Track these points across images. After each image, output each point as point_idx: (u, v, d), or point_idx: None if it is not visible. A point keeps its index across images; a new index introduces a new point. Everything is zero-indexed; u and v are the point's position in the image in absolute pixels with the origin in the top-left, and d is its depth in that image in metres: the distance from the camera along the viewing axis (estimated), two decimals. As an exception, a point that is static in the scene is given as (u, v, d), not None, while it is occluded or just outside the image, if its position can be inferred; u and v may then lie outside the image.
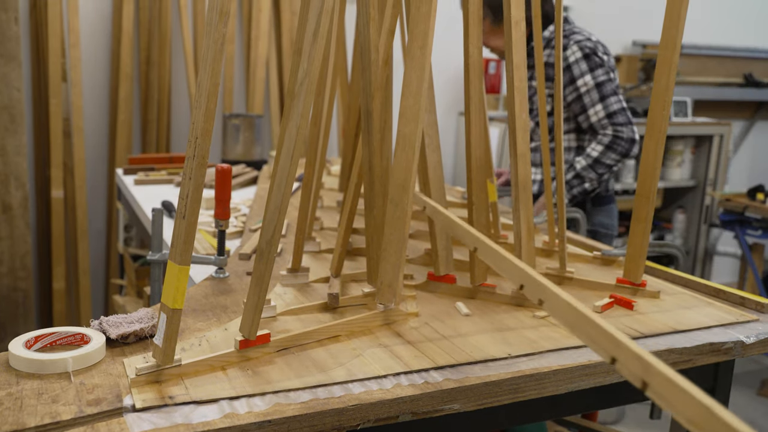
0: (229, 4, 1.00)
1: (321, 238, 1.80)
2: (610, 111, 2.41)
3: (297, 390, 1.03)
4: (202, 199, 1.06)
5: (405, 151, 1.26)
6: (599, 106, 2.41)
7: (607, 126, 2.42)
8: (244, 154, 3.05)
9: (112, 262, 3.57)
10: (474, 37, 1.46)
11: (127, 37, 3.39)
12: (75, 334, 1.14)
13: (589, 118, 2.44)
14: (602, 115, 2.42)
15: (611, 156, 2.41)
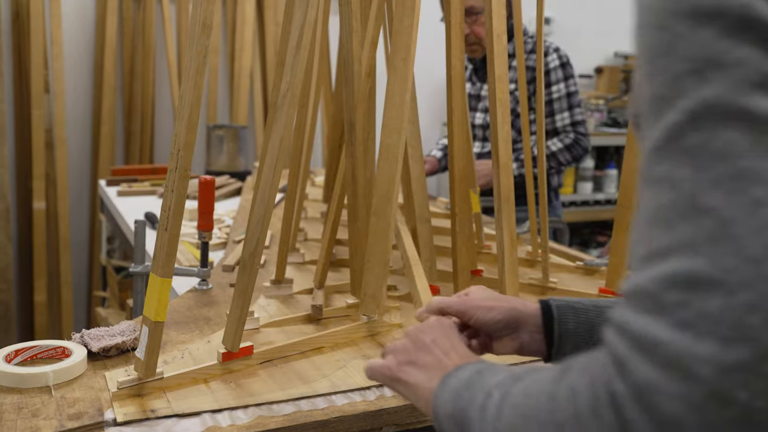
0: (212, 16, 1.01)
1: (305, 250, 1.80)
2: (574, 120, 2.61)
3: (280, 402, 1.03)
4: (185, 210, 1.05)
5: (388, 163, 1.26)
6: (566, 114, 2.59)
7: (570, 132, 2.61)
8: (228, 165, 3.05)
9: (95, 274, 3.54)
10: (456, 48, 1.47)
11: (111, 49, 3.38)
12: (56, 348, 1.13)
13: (555, 122, 2.61)
14: (567, 122, 2.61)
15: (566, 156, 2.60)
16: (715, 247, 0.40)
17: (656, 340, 0.41)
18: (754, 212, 0.40)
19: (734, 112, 0.42)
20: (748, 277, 0.39)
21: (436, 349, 0.71)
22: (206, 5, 1.00)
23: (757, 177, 0.41)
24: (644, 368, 0.41)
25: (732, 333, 0.39)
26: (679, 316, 0.40)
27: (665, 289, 0.41)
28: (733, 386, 0.38)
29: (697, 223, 0.41)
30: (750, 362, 0.38)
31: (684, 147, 0.43)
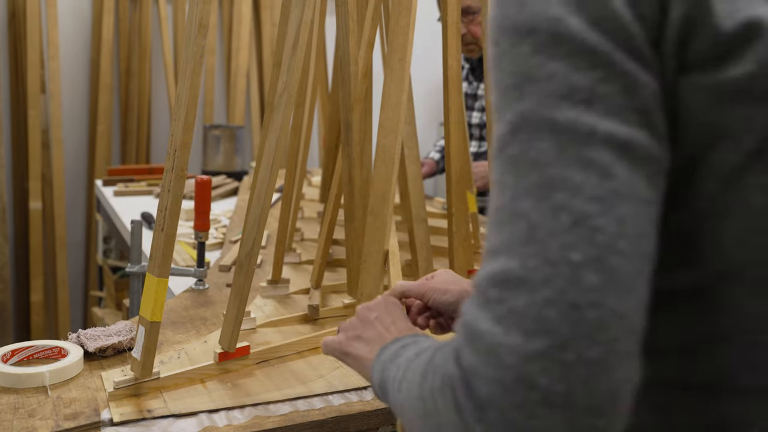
0: (208, 16, 1.01)
1: (301, 250, 1.80)
2: None
3: (277, 402, 1.03)
4: (181, 210, 1.05)
5: (385, 163, 1.27)
6: None
7: None
8: (224, 165, 3.04)
9: (91, 274, 3.54)
10: (453, 49, 1.47)
11: (107, 48, 3.37)
12: (52, 348, 1.13)
13: None
14: None
15: None
16: (525, 249, 0.45)
17: (479, 332, 0.45)
18: (554, 217, 0.44)
19: (544, 123, 0.45)
20: (547, 275, 0.44)
21: (378, 324, 0.77)
22: (203, 5, 1.00)
23: (559, 185, 0.44)
24: (470, 355, 0.46)
25: (533, 326, 0.43)
26: (496, 311, 0.45)
27: (489, 287, 0.46)
28: (535, 373, 0.43)
29: (514, 226, 0.46)
30: (548, 352, 0.43)
31: (508, 156, 0.47)
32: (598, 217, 0.44)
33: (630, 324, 0.44)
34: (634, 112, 0.46)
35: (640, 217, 0.45)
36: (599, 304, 0.43)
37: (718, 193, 0.49)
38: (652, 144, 0.46)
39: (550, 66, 0.46)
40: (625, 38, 0.46)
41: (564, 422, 0.43)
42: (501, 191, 0.48)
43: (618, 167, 0.45)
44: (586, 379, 0.43)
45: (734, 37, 0.47)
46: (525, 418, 0.43)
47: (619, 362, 0.44)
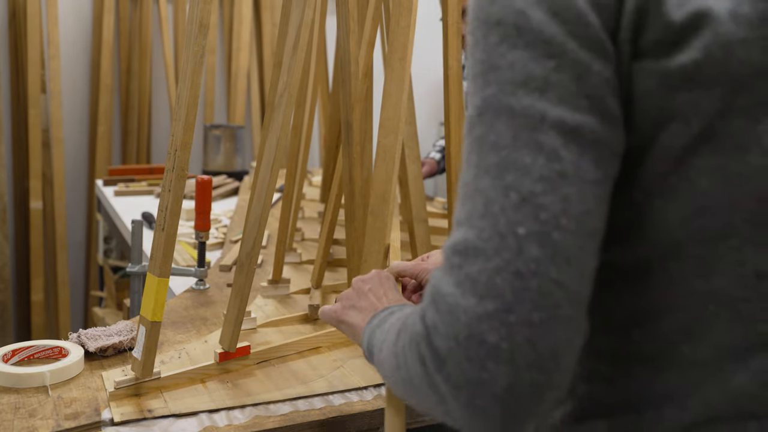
0: (209, 16, 1.01)
1: (302, 249, 1.80)
2: None
3: (277, 402, 1.03)
4: (182, 210, 1.05)
5: (385, 163, 1.26)
6: None
7: None
8: (225, 164, 3.05)
9: (92, 274, 3.54)
10: (453, 48, 1.47)
11: (108, 48, 3.37)
12: (53, 348, 1.13)
13: None
14: None
15: None
16: (481, 222, 0.50)
17: (442, 293, 0.51)
18: (506, 195, 0.49)
19: (503, 109, 0.50)
20: (497, 247, 0.49)
21: (371, 295, 0.84)
22: (203, 5, 1.00)
23: (512, 165, 0.49)
24: (433, 314, 0.52)
25: (484, 290, 0.49)
26: (456, 275, 0.50)
27: (451, 254, 0.52)
28: (484, 331, 0.48)
29: (474, 201, 0.51)
30: (495, 314, 0.48)
31: (474, 136, 0.52)
32: (542, 195, 0.49)
33: (570, 292, 0.49)
34: (585, 98, 0.50)
35: (585, 196, 0.50)
36: (540, 273, 0.48)
37: (668, 173, 0.53)
38: (603, 128, 0.50)
39: (511, 55, 0.50)
40: (581, 28, 0.50)
41: (509, 375, 0.48)
42: (467, 168, 0.53)
43: (565, 150, 0.49)
44: (529, 339, 0.48)
45: (682, 27, 0.51)
46: (476, 370, 0.48)
47: (560, 325, 0.49)
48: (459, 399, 0.50)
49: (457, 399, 0.50)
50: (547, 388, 0.49)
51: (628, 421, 0.57)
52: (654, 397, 0.57)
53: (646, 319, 0.57)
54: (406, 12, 1.27)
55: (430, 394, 0.53)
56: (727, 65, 0.51)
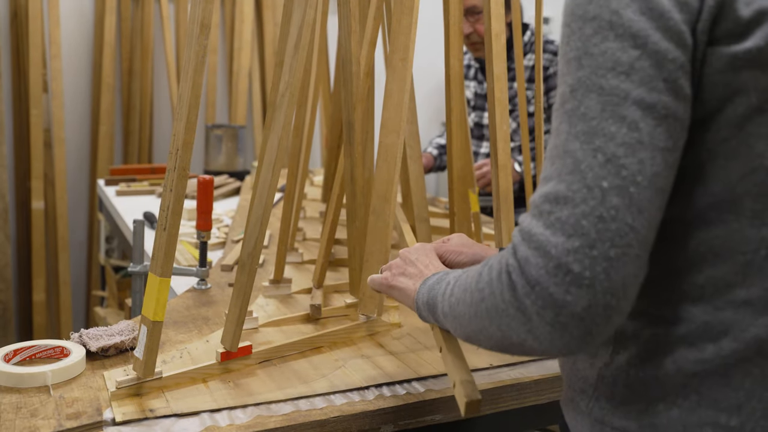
0: (210, 16, 1.01)
1: (303, 249, 1.80)
2: None
3: (279, 402, 1.03)
4: (183, 210, 1.05)
5: (387, 162, 1.26)
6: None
7: None
8: (226, 164, 3.05)
9: (94, 274, 3.54)
10: (455, 48, 1.47)
11: (109, 48, 3.38)
12: (55, 347, 1.13)
13: None
14: None
15: None
16: (571, 177, 0.62)
17: (533, 233, 0.63)
18: (593, 156, 0.62)
19: (593, 87, 0.63)
20: (584, 196, 0.61)
21: (419, 263, 0.95)
22: (204, 5, 1.00)
23: (599, 133, 0.62)
24: (524, 250, 0.64)
25: (571, 230, 0.61)
26: (547, 219, 0.63)
27: (542, 202, 0.64)
28: (571, 262, 0.61)
29: (564, 161, 0.63)
30: (580, 249, 0.60)
31: (566, 109, 0.65)
32: (624, 158, 0.61)
33: (641, 236, 0.61)
34: (662, 81, 0.62)
35: (657, 160, 0.62)
36: (619, 219, 0.60)
37: (730, 137, 0.65)
38: (675, 105, 0.63)
39: (603, 45, 0.63)
40: (664, 22, 0.62)
41: (588, 298, 0.60)
42: (557, 135, 0.65)
43: (643, 123, 0.62)
44: (606, 269, 0.60)
45: (749, 21, 0.63)
46: (562, 293, 0.61)
47: (630, 261, 0.61)
48: (545, 317, 0.62)
49: (543, 317, 0.62)
50: (616, 311, 0.61)
51: (690, 357, 0.68)
52: (713, 333, 0.67)
53: (705, 265, 0.67)
54: (407, 11, 1.27)
55: (517, 315, 0.64)
56: None
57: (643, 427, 0.70)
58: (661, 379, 0.69)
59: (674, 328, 0.69)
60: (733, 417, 0.67)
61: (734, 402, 0.67)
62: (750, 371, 0.67)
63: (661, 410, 0.69)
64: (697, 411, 0.68)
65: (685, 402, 0.68)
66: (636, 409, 0.71)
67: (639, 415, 0.70)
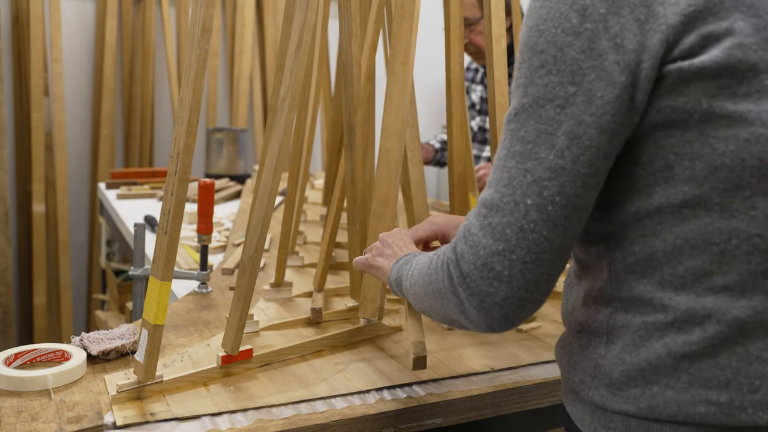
0: (211, 20, 1.01)
1: (304, 253, 1.80)
2: None
3: (279, 406, 1.03)
4: (184, 214, 1.06)
5: (387, 166, 1.27)
6: None
7: None
8: (227, 168, 3.05)
9: (94, 277, 3.54)
10: (456, 52, 1.47)
11: (110, 52, 3.38)
12: (55, 351, 1.13)
13: None
14: None
15: None
16: (504, 189, 0.74)
17: (471, 232, 0.76)
18: (524, 176, 0.73)
19: (534, 114, 0.74)
20: (512, 209, 0.73)
21: (394, 246, 1.06)
22: (206, 9, 1.00)
23: (532, 156, 0.73)
24: (462, 246, 0.77)
25: (498, 236, 0.74)
26: (482, 221, 0.75)
27: (481, 205, 0.76)
28: (495, 262, 0.74)
29: (501, 174, 0.75)
30: (503, 251, 0.73)
31: (510, 128, 0.76)
32: (547, 180, 0.72)
33: (554, 244, 0.73)
34: (590, 116, 0.72)
35: (576, 184, 0.73)
36: (536, 231, 0.73)
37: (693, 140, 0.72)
38: (599, 137, 0.72)
39: (546, 78, 0.73)
40: (601, 62, 0.71)
41: (506, 291, 0.74)
42: (501, 148, 0.76)
43: (568, 151, 0.72)
44: (522, 270, 0.73)
45: (694, 45, 0.71)
46: (486, 286, 0.75)
47: (543, 264, 0.74)
48: (473, 303, 0.76)
49: (471, 303, 0.76)
50: (530, 301, 0.75)
51: (678, 340, 0.74)
52: (697, 317, 0.73)
53: (683, 257, 0.74)
54: (408, 15, 1.27)
55: (453, 299, 0.78)
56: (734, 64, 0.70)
57: (641, 409, 0.76)
58: (654, 364, 0.75)
59: (662, 315, 0.75)
60: (722, 393, 0.73)
61: (722, 379, 0.73)
62: (734, 350, 0.73)
63: (656, 392, 0.75)
64: (690, 390, 0.74)
65: (678, 383, 0.74)
66: (633, 393, 0.76)
67: (636, 399, 0.76)
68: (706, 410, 0.73)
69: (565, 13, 0.72)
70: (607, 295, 0.80)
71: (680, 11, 0.71)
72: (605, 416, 0.78)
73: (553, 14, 0.73)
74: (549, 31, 0.73)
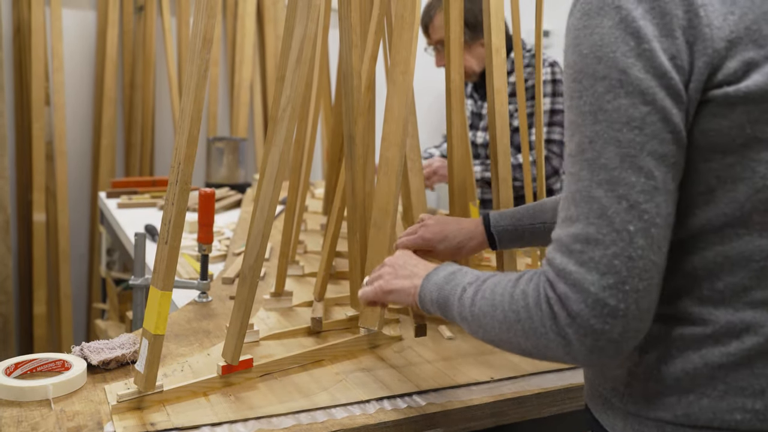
0: (212, 31, 1.01)
1: (304, 262, 1.80)
2: (550, 138, 2.43)
3: (280, 415, 1.03)
4: (185, 223, 1.06)
5: (387, 176, 1.27)
6: (544, 129, 2.39)
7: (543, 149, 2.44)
8: (228, 177, 3.05)
9: (95, 287, 3.54)
10: (455, 62, 1.48)
11: (111, 61, 3.39)
12: (56, 361, 1.13)
13: (532, 135, 2.41)
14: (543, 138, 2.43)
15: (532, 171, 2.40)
16: (599, 221, 0.71)
17: (568, 270, 0.73)
18: (618, 203, 0.71)
19: (611, 140, 0.72)
20: (614, 239, 0.71)
21: (408, 266, 1.03)
22: (207, 20, 1.01)
23: (621, 182, 0.71)
24: (562, 286, 0.73)
25: (605, 269, 0.70)
26: (579, 258, 0.72)
27: (572, 242, 0.73)
28: (607, 297, 0.70)
29: (590, 205, 0.72)
30: (615, 285, 0.70)
31: (585, 158, 0.73)
32: (644, 203, 0.71)
33: (660, 267, 0.72)
34: (669, 133, 0.72)
35: (669, 201, 0.72)
36: (645, 257, 0.70)
37: (734, 164, 0.74)
38: (679, 153, 0.73)
39: (616, 102, 0.72)
40: (667, 81, 0.71)
41: (623, 325, 0.71)
42: (578, 181, 0.74)
43: (657, 171, 0.71)
44: (636, 300, 0.70)
45: (737, 70, 0.73)
46: (600, 324, 0.71)
47: (654, 290, 0.72)
48: (585, 343, 0.72)
49: (583, 343, 0.72)
50: (643, 331, 0.73)
51: (716, 351, 0.76)
52: (735, 331, 0.75)
53: (724, 273, 0.76)
54: (408, 26, 1.27)
55: (557, 339, 0.74)
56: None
57: (677, 417, 0.77)
58: (690, 373, 0.77)
59: (700, 328, 0.77)
60: (758, 401, 0.75)
61: (758, 388, 0.75)
62: None
63: (692, 401, 0.77)
64: (726, 398, 0.76)
65: (714, 392, 0.76)
66: (669, 401, 0.78)
67: (672, 407, 0.78)
68: (742, 417, 0.75)
69: (621, 37, 0.72)
70: None
71: (725, 36, 0.72)
72: (639, 422, 0.80)
73: (608, 39, 0.73)
74: (607, 56, 0.73)
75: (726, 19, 0.73)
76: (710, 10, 0.73)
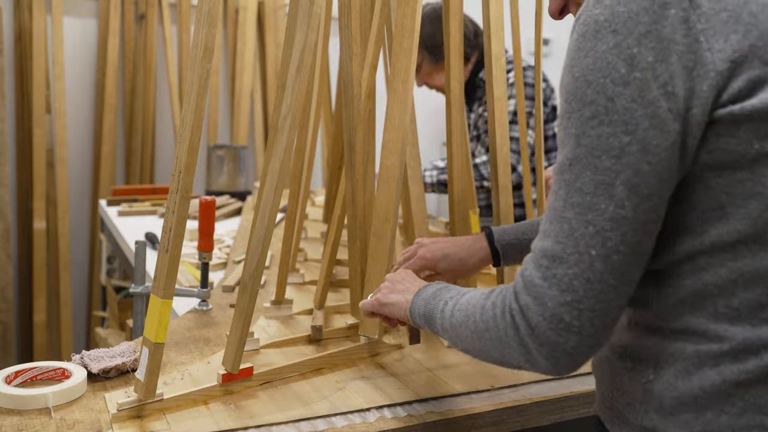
0: (213, 40, 1.02)
1: (305, 270, 1.80)
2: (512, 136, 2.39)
3: (280, 424, 1.03)
4: (185, 231, 1.06)
5: (387, 184, 1.27)
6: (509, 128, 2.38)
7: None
8: (228, 185, 3.05)
9: (95, 294, 3.54)
10: (455, 71, 1.48)
11: (112, 69, 3.40)
12: (56, 369, 1.13)
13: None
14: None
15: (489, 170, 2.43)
16: (566, 241, 0.75)
17: (533, 283, 0.76)
18: (586, 227, 0.74)
19: (589, 165, 0.74)
20: (576, 260, 0.74)
21: (405, 282, 1.09)
22: (208, 29, 1.01)
23: (592, 207, 0.74)
24: (525, 297, 0.77)
25: (565, 287, 0.74)
26: (545, 273, 0.76)
27: (541, 257, 0.77)
28: (563, 312, 0.74)
29: (561, 225, 0.76)
30: (571, 302, 0.74)
31: (564, 179, 0.76)
32: (610, 231, 0.73)
33: (620, 291, 0.75)
34: (646, 164, 0.73)
35: (637, 231, 0.74)
36: (603, 281, 0.74)
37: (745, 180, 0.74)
38: (657, 184, 0.73)
39: (599, 129, 0.73)
40: (654, 110, 0.72)
41: (576, 340, 0.75)
42: (556, 198, 0.77)
43: (628, 201, 0.73)
44: (591, 318, 0.74)
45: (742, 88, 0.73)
46: (555, 336, 0.75)
47: (611, 310, 0.75)
48: (542, 352, 0.76)
49: (540, 353, 0.76)
50: (596, 347, 0.76)
51: (733, 368, 0.75)
52: (753, 348, 0.75)
53: (739, 289, 0.76)
54: (408, 34, 1.28)
55: (519, 348, 0.78)
56: None
57: None
58: (707, 390, 0.77)
59: (716, 345, 0.77)
60: None
61: None
62: None
63: (710, 418, 0.76)
64: (744, 416, 0.75)
65: (733, 409, 0.76)
66: (686, 418, 0.78)
67: (689, 424, 0.77)
68: None
69: (613, 63, 0.72)
70: (655, 325, 0.81)
71: (727, 57, 0.72)
72: None
73: (600, 64, 0.73)
74: (597, 81, 0.73)
75: (728, 39, 0.73)
76: (710, 34, 0.72)
